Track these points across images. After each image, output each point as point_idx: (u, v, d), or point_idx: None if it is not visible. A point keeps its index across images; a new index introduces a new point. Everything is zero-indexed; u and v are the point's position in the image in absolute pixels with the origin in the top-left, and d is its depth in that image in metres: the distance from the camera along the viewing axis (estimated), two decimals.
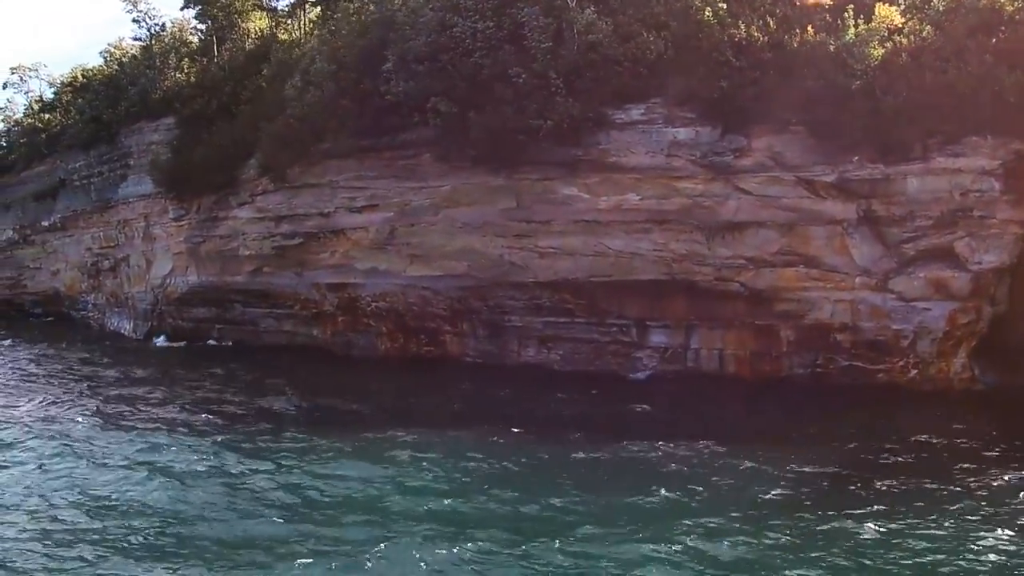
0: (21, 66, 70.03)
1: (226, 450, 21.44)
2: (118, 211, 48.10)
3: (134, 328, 47.56)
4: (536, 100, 27.02)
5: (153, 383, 31.63)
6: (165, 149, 43.59)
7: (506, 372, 31.58)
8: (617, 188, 27.48)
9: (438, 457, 19.95)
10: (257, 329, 41.47)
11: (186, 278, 41.77)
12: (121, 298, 49.67)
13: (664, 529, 14.65)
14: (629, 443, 20.50)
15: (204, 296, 41.70)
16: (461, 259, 31.83)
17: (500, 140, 27.51)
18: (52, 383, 32.18)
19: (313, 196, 34.69)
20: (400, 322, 35.32)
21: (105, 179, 49.14)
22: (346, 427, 23.59)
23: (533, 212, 29.12)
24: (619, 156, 27.14)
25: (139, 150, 45.72)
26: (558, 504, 16.38)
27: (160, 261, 44.37)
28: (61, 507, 17.44)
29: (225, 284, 39.72)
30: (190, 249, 40.59)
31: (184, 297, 42.70)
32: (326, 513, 16.37)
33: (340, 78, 31.68)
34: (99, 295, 53.48)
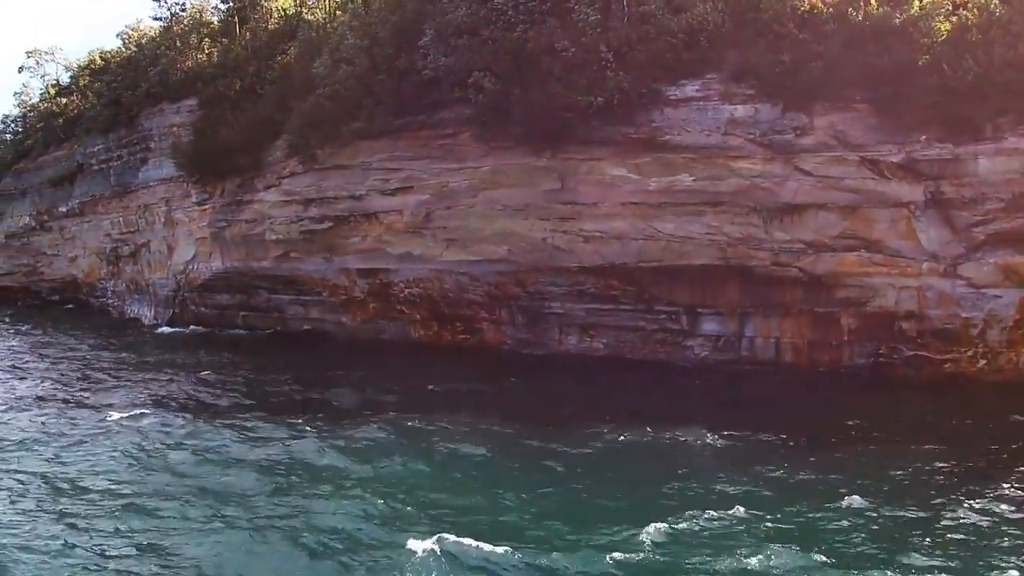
0: (37, 50, 68.91)
1: (266, 437, 20.35)
2: (138, 196, 47.00)
3: (155, 315, 46.53)
4: (585, 75, 25.66)
5: (182, 370, 30.53)
6: (187, 131, 42.50)
7: (546, 361, 30.41)
8: (669, 168, 26.13)
9: (486, 450, 18.78)
10: (283, 316, 40.40)
11: (210, 264, 40.65)
12: (141, 285, 48.66)
13: (751, 539, 13.38)
14: (692, 434, 19.36)
15: (228, 282, 40.58)
16: (500, 243, 30.56)
17: (546, 117, 26.21)
18: (79, 370, 31.06)
19: (343, 178, 33.47)
20: (434, 309, 34.14)
21: (124, 163, 48.03)
22: (387, 417, 22.37)
23: (579, 194, 27.77)
24: (672, 135, 25.75)
25: (160, 133, 44.57)
26: (619, 494, 15.22)
27: (182, 246, 43.27)
28: (90, 492, 16.49)
29: (250, 270, 38.58)
30: (214, 234, 39.45)
31: (207, 283, 41.60)
32: (378, 506, 15.24)
33: (374, 54, 30.41)
34: (118, 282, 52.48)
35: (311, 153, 33.21)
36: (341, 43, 32.10)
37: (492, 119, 27.66)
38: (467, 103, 28.28)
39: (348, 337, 37.28)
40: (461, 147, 29.89)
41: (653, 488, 15.63)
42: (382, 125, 30.79)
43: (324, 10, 41.20)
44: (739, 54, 24.96)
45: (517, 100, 26.67)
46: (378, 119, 30.61)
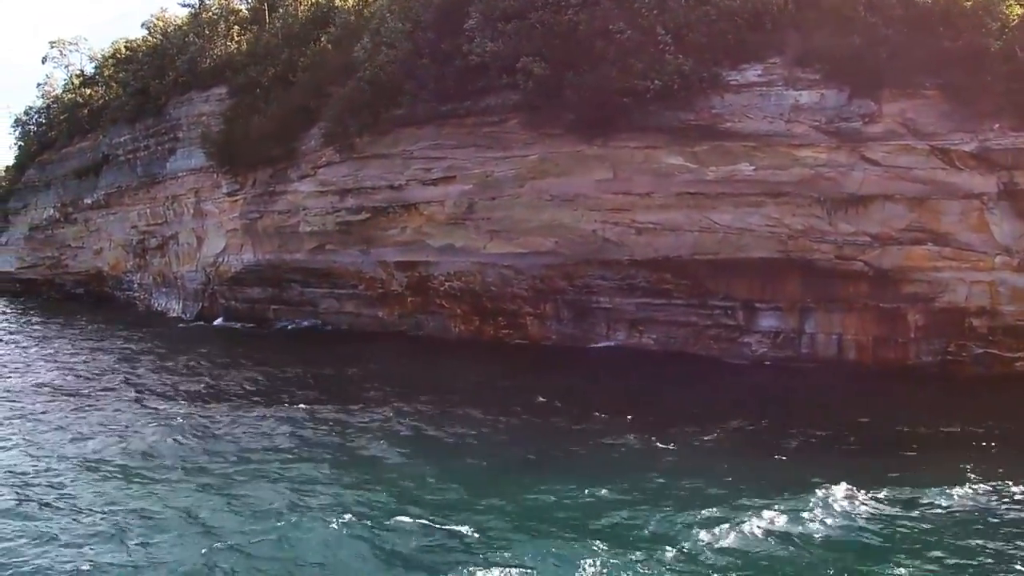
0: (61, 40, 68.72)
1: (317, 435, 19.64)
2: (166, 187, 46.45)
3: (183, 309, 46.04)
4: (642, 59, 24.74)
5: (217, 364, 29.82)
6: (217, 120, 41.89)
7: (592, 356, 29.65)
8: (728, 157, 25.13)
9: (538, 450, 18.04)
10: (316, 310, 39.74)
11: (240, 256, 40.03)
12: (169, 278, 48.16)
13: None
14: (740, 435, 18.66)
15: (260, 275, 39.95)
16: (548, 235, 29.69)
17: (600, 103, 25.30)
18: (114, 363, 30.44)
19: (382, 167, 32.72)
20: (476, 303, 33.39)
21: (152, 153, 47.51)
22: (437, 417, 21.59)
23: (632, 183, 26.87)
24: (733, 121, 24.74)
25: (188, 122, 44.00)
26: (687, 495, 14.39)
27: (212, 239, 42.69)
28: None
29: (283, 263, 37.92)
30: (245, 226, 38.82)
31: (238, 276, 40.98)
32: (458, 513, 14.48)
33: (416, 38, 29.63)
34: (145, 274, 52.04)
35: (349, 142, 32.46)
36: (381, 26, 31.30)
37: (541, 105, 26.79)
38: (515, 89, 27.42)
39: (385, 332, 36.61)
40: (508, 135, 29.03)
41: (691, 493, 14.79)
42: (425, 112, 29.98)
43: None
44: (803, 37, 23.89)
45: (569, 85, 25.77)
46: (421, 105, 29.82)
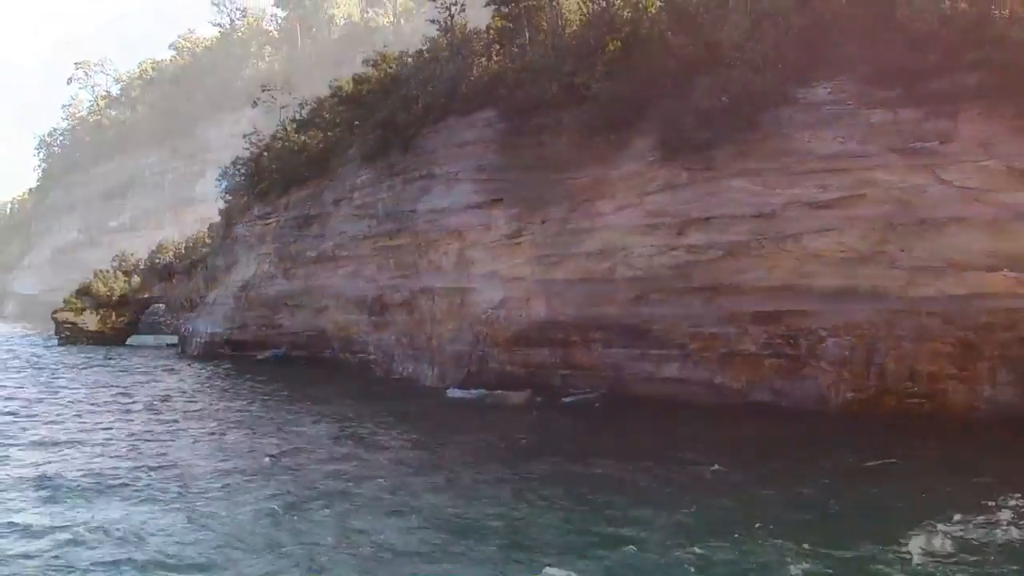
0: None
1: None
2: (416, 232, 40.26)
3: (439, 375, 39.37)
4: None
5: (516, 451, 22.14)
6: (487, 149, 35.44)
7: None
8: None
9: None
10: (619, 376, 32.05)
11: (528, 311, 32.93)
12: (419, 338, 41.80)
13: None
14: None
15: (550, 334, 32.68)
16: (1009, 265, 21.12)
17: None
18: (379, 448, 22.96)
19: (748, 187, 24.88)
20: (873, 363, 24.78)
21: (397, 194, 41.60)
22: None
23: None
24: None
25: (447, 154, 37.72)
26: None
27: (484, 291, 35.87)
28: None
29: (588, 318, 30.52)
30: (538, 273, 31.69)
31: (521, 336, 33.86)
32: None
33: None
34: (385, 335, 46.08)
35: (704, 156, 24.72)
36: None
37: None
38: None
39: (721, 403, 28.60)
40: (964, 128, 20.71)
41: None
42: (835, 109, 21.93)
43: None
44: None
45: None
46: (832, 99, 21.78)
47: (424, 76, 42.03)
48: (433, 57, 43.41)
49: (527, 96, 33.64)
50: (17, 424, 28.70)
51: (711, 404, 29.13)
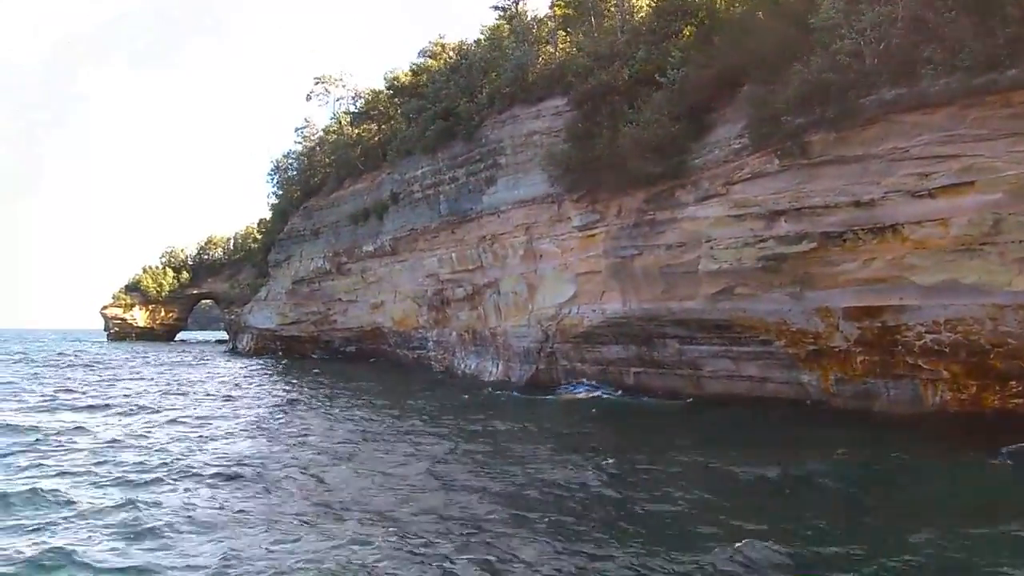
0: (327, 76, 65.81)
1: None
2: (481, 224, 39.80)
3: (505, 371, 38.87)
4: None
5: (600, 454, 21.13)
6: (554, 139, 34.79)
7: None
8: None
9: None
10: (697, 374, 31.25)
11: (601, 306, 32.20)
12: (483, 334, 41.37)
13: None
14: None
15: (625, 330, 31.94)
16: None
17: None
18: (457, 452, 22.05)
19: (843, 176, 23.82)
20: (976, 362, 23.64)
21: (460, 186, 41.16)
22: None
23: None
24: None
25: (514, 144, 37.17)
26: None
27: (552, 285, 35.28)
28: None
29: (668, 313, 29.68)
30: (612, 266, 30.97)
31: (592, 332, 33.18)
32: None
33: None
34: (445, 330, 45.74)
35: (799, 142, 23.80)
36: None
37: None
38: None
39: (803, 402, 27.76)
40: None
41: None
42: (945, 90, 20.82)
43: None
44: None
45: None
46: (942, 80, 20.66)
47: (486, 65, 41.52)
48: (495, 45, 42.87)
49: (599, 84, 32.90)
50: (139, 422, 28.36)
51: (793, 401, 28.34)
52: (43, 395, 35.91)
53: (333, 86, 66.94)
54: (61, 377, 47.32)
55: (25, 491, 16.67)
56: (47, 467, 19.79)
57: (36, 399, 34.28)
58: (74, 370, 54.58)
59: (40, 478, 18.33)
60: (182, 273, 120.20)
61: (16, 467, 19.68)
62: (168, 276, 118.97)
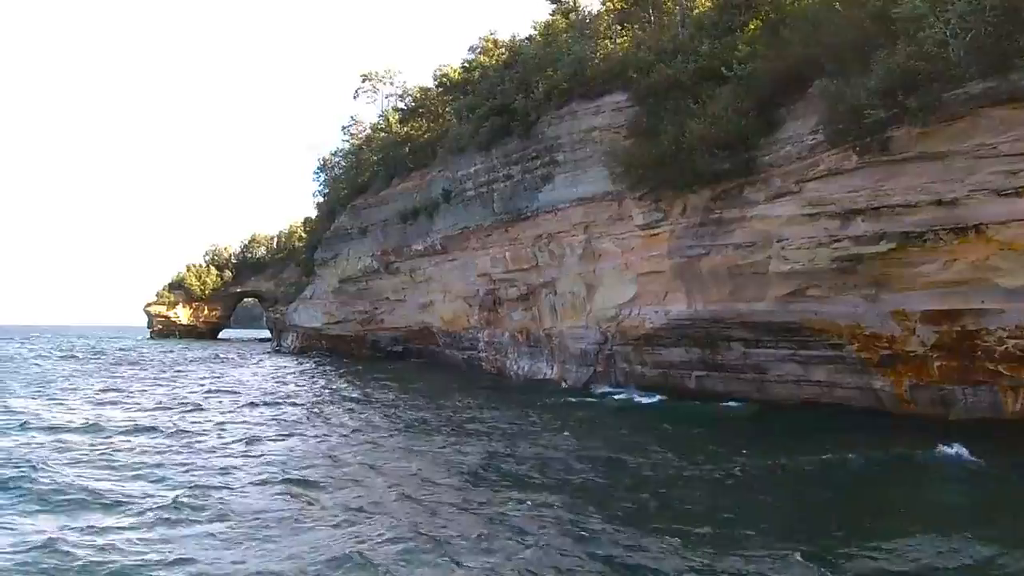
0: (373, 72, 65.97)
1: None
2: (537, 223, 39.49)
3: (560, 373, 38.54)
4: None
5: (682, 461, 20.68)
6: (615, 135, 34.43)
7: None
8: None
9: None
10: (762, 378, 30.65)
11: (664, 308, 31.73)
12: (538, 335, 41.07)
13: None
14: None
15: (690, 332, 31.45)
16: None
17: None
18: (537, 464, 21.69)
19: (925, 173, 23.12)
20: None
21: (516, 184, 40.89)
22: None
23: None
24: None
25: (572, 141, 36.82)
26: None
27: (611, 285, 34.89)
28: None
29: (735, 315, 29.14)
30: (677, 266, 30.51)
31: (654, 334, 32.71)
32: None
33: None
34: (497, 331, 45.52)
35: (880, 138, 23.17)
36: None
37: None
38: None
39: (873, 408, 27.16)
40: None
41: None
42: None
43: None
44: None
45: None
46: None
47: (541, 61, 41.22)
48: (550, 41, 42.60)
49: (662, 79, 32.46)
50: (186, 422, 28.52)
51: (861, 408, 27.73)
52: (110, 390, 36.52)
53: (381, 83, 67.11)
54: (126, 374, 48.21)
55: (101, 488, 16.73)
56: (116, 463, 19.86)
57: (101, 395, 34.85)
58: (129, 367, 55.43)
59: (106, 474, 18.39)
60: (225, 271, 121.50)
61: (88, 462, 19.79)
62: (212, 274, 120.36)
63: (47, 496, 16.22)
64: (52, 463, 19.46)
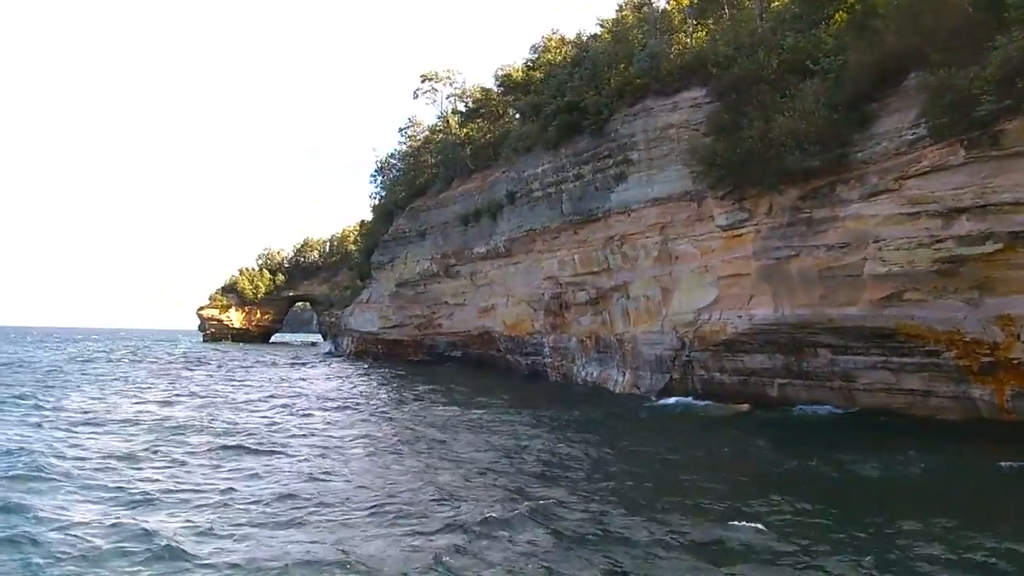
0: (433, 73, 65.86)
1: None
2: (608, 224, 38.84)
3: (633, 381, 37.79)
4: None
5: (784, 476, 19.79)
6: (693, 133, 33.69)
7: None
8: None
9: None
10: (850, 386, 29.63)
11: (748, 311, 30.89)
12: (608, 341, 40.37)
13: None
14: None
15: (775, 338, 30.56)
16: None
17: None
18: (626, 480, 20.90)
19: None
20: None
21: (586, 184, 40.29)
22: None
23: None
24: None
25: (647, 139, 36.13)
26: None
27: (689, 289, 34.11)
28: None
29: (825, 320, 28.20)
30: (764, 269, 29.67)
31: (736, 339, 31.85)
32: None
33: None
34: (563, 336, 44.90)
35: (990, 132, 22.20)
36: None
37: None
38: None
39: (968, 418, 26.05)
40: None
41: None
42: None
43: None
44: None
45: None
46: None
47: (612, 56, 40.62)
48: (621, 36, 41.99)
49: (745, 73, 31.68)
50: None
51: (956, 419, 26.62)
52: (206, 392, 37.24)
53: (441, 84, 66.98)
54: (203, 378, 49.01)
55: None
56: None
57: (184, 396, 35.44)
58: (202, 367, 56.15)
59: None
60: (278, 275, 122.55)
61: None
62: (264, 278, 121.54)
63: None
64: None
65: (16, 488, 16.36)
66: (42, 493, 16.28)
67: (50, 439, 23.05)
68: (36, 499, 15.64)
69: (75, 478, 17.82)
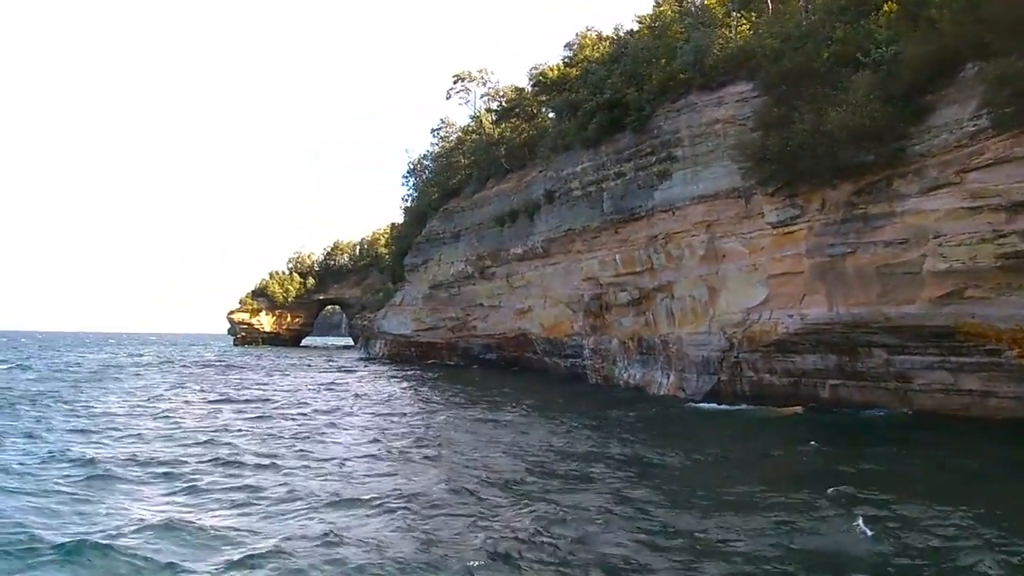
0: (466, 73, 65.75)
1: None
2: (652, 223, 38.43)
3: (678, 383, 37.37)
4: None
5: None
6: (738, 128, 33.26)
7: None
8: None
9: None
10: (906, 387, 29.11)
11: (800, 311, 30.40)
12: (651, 342, 39.96)
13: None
14: None
15: (828, 338, 30.07)
16: None
17: None
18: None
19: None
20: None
21: (628, 182, 39.91)
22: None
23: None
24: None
25: (691, 135, 35.73)
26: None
27: (737, 288, 33.67)
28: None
29: (882, 319, 27.66)
30: (818, 266, 29.16)
31: (787, 340, 31.38)
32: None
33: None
34: (604, 338, 44.53)
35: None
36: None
37: None
38: None
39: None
40: None
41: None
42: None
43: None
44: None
45: None
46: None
47: (652, 51, 40.20)
48: (661, 31, 41.57)
49: (794, 66, 31.20)
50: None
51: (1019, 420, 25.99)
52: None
53: (474, 83, 66.86)
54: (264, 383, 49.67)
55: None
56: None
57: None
58: (240, 372, 56.36)
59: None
60: (308, 279, 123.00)
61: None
62: (295, 281, 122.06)
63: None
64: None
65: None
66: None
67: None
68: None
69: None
